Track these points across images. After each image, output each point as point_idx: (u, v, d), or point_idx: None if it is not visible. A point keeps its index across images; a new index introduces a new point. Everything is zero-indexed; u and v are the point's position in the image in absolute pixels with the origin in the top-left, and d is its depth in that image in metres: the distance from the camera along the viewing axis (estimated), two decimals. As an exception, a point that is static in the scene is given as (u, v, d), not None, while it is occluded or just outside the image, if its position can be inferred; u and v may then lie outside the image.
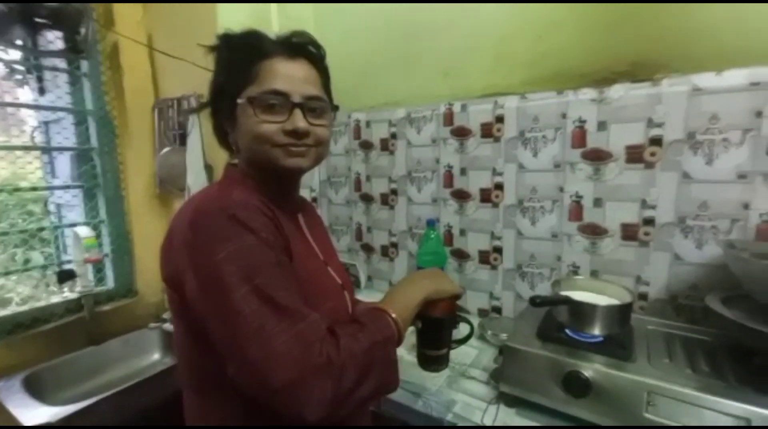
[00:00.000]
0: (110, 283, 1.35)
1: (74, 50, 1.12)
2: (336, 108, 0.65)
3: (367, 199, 1.40)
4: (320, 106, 0.59)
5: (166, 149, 1.26)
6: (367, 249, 1.44)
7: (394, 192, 1.33)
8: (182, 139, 1.23)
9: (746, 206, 0.82)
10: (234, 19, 1.19)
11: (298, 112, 0.57)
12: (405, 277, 0.68)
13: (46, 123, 1.31)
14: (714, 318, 0.71)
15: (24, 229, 1.23)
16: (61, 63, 1.20)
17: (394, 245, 1.37)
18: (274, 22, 1.29)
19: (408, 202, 1.31)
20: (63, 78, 1.21)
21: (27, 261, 1.30)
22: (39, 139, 1.29)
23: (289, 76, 0.57)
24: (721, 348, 0.75)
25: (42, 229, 1.23)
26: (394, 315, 0.56)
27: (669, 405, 0.64)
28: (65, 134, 1.23)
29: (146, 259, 1.39)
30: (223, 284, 0.47)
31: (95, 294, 1.24)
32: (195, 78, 1.19)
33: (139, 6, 1.28)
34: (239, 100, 0.56)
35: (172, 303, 0.56)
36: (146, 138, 1.33)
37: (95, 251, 1.11)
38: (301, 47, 0.60)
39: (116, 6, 1.22)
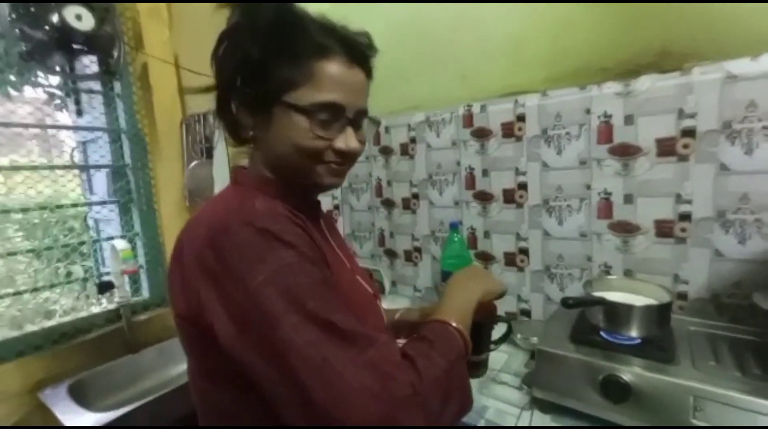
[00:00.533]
0: (145, 293, 1.40)
1: (108, 72, 1.19)
2: (378, 123, 0.59)
3: (388, 204, 1.40)
4: (365, 119, 0.54)
5: (194, 163, 1.31)
6: (391, 254, 1.44)
7: (415, 196, 1.33)
8: (209, 152, 1.27)
9: (793, 197, 0.77)
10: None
11: (350, 130, 0.50)
12: (452, 281, 0.62)
13: (84, 143, 1.39)
14: (762, 317, 0.66)
15: (66, 244, 1.30)
16: (95, 85, 1.27)
17: (418, 250, 1.36)
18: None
19: (430, 206, 1.30)
20: (98, 99, 1.29)
21: (69, 274, 1.38)
22: (77, 158, 1.37)
23: (348, 86, 0.49)
24: (772, 349, 0.71)
25: (82, 243, 1.31)
26: (457, 325, 0.51)
27: (718, 410, 0.60)
28: (101, 152, 1.30)
29: (178, 269, 1.44)
30: (268, 315, 0.39)
31: (132, 304, 1.30)
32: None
33: (165, 26, 1.34)
34: (285, 99, 0.47)
35: (189, 339, 0.48)
36: (175, 153, 1.39)
37: (131, 263, 1.16)
38: (364, 54, 0.53)
39: (144, 29, 1.29)
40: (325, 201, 1.45)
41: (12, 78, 1.12)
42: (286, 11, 0.49)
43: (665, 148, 0.89)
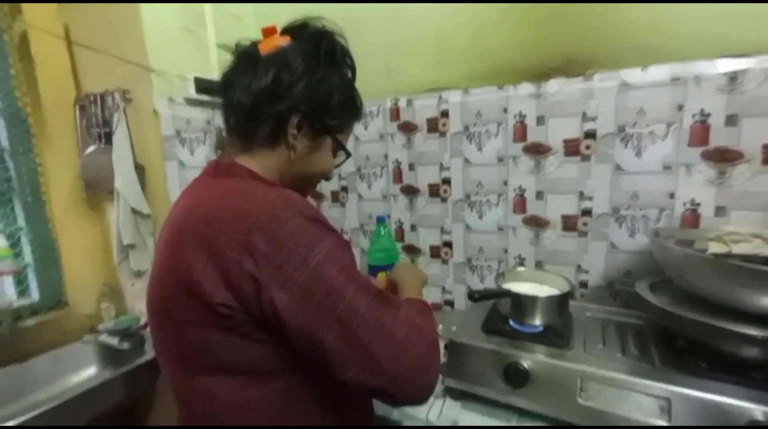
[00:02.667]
0: (35, 295, 1.22)
1: (-26, 39, 0.99)
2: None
3: (317, 196, 1.36)
4: None
5: (90, 149, 1.16)
6: (320, 248, 1.40)
7: (344, 189, 1.30)
8: (108, 137, 1.13)
9: (671, 196, 0.87)
10: (160, 11, 1.11)
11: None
12: (404, 274, 0.79)
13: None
14: (644, 303, 0.74)
15: None
16: (-40, 53, 1.06)
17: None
18: (209, 17, 1.21)
19: (359, 199, 1.28)
20: (-37, 71, 1.07)
21: None
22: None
23: None
24: (650, 331, 0.79)
25: (-56, 240, 1.10)
26: (428, 304, 0.66)
27: (599, 390, 0.66)
28: (-33, 134, 1.09)
29: (77, 266, 1.28)
30: (333, 288, 0.46)
31: (15, 308, 1.12)
32: (119, 72, 1.10)
33: (52, -8, 1.15)
34: (338, 137, 0.61)
35: (226, 328, 0.48)
36: (68, 137, 1.21)
37: (9, 262, 1.00)
38: None
39: (23, -9, 1.10)
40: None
41: None
42: (353, 67, 0.64)
43: (571, 148, 0.95)
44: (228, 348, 0.49)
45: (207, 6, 1.22)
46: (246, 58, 0.58)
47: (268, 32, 0.59)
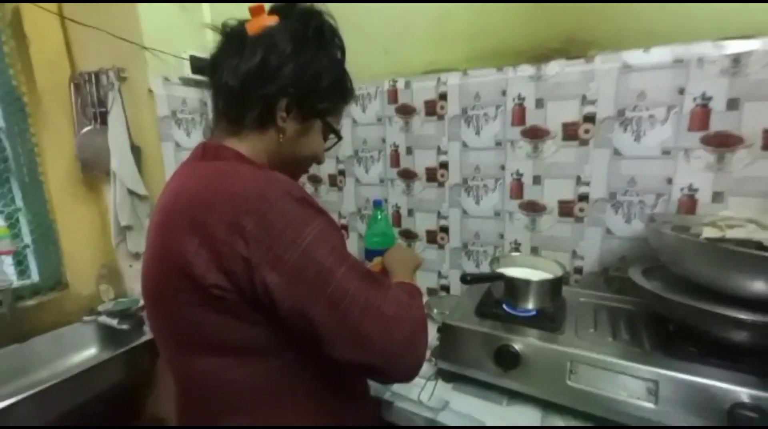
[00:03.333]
0: (34, 276, 1.24)
1: (-35, 15, 0.98)
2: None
3: (315, 180, 1.36)
4: None
5: (86, 129, 1.15)
6: (318, 232, 1.40)
7: (342, 173, 1.30)
8: (103, 117, 1.12)
9: (669, 181, 0.86)
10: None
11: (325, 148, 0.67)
12: (398, 257, 0.81)
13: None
14: (637, 289, 0.74)
15: None
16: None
17: (345, 227, 1.34)
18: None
19: (356, 183, 1.28)
20: (-44, 48, 1.06)
21: None
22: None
23: None
24: (642, 316, 0.80)
25: (-57, 219, 1.10)
26: (418, 286, 0.67)
27: (588, 372, 0.66)
28: (-36, 112, 1.09)
29: (75, 248, 1.29)
30: (323, 268, 0.47)
31: (16, 288, 1.14)
32: (114, 50, 1.09)
33: (44, -34, 1.13)
34: (328, 120, 0.61)
35: (219, 309, 0.48)
36: (65, 117, 1.20)
37: (7, 242, 1.01)
38: None
39: (15, -35, 1.07)
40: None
41: None
42: (343, 47, 0.62)
43: (569, 132, 0.94)
44: (222, 328, 0.50)
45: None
46: (233, 38, 0.57)
47: (256, 11, 0.57)
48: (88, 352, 1.26)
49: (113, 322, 1.20)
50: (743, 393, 0.56)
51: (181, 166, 0.59)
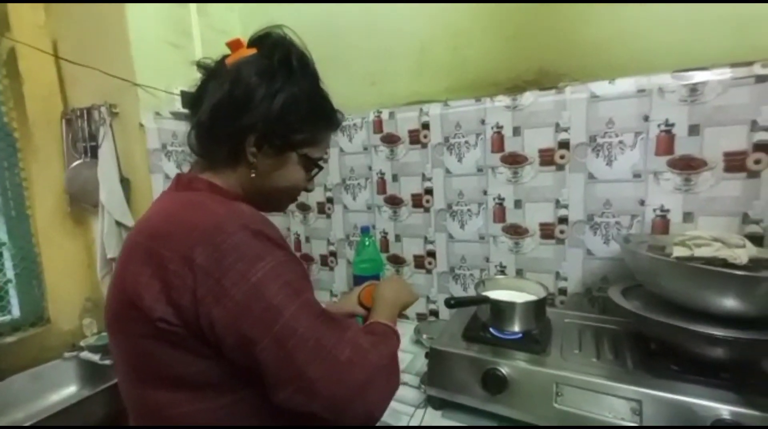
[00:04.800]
0: (15, 311, 1.21)
1: (-39, 55, 1.01)
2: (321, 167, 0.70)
3: (304, 208, 1.38)
4: None
5: (76, 162, 1.16)
6: (307, 259, 1.41)
7: (330, 200, 1.32)
8: (94, 151, 1.14)
9: (642, 203, 0.90)
10: (147, 26, 1.13)
11: (313, 177, 0.65)
12: (386, 290, 0.74)
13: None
14: (619, 308, 0.75)
15: None
16: (-54, 70, 1.08)
17: (333, 254, 1.35)
18: (195, 31, 1.25)
19: (344, 210, 1.30)
20: (-51, 86, 1.09)
21: None
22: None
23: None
24: (625, 335, 0.81)
25: (-76, 256, 1.09)
26: (395, 328, 0.63)
27: (574, 393, 0.67)
28: (-47, 149, 1.10)
29: (59, 283, 1.27)
30: (271, 306, 0.44)
31: (-5, 326, 1.11)
32: (105, 86, 1.12)
33: (40, 9, 1.18)
34: (303, 152, 0.58)
35: (168, 343, 0.46)
36: (54, 151, 1.22)
37: (-11, 278, 0.99)
38: None
39: (12, 10, 1.12)
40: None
41: None
42: (315, 75, 0.60)
43: (546, 157, 0.98)
44: (175, 361, 0.48)
45: (194, 20, 1.25)
46: (210, 74, 0.57)
47: (234, 46, 0.57)
48: (69, 390, 1.21)
49: (95, 357, 1.17)
50: (724, 410, 0.57)
51: (158, 197, 0.59)
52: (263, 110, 0.53)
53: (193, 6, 1.25)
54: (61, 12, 1.18)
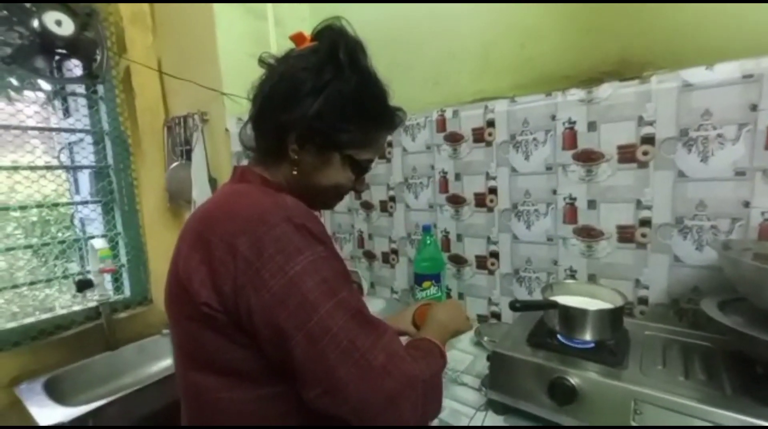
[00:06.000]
0: (127, 291, 1.43)
1: (91, 76, 1.22)
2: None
3: (367, 206, 1.42)
4: None
5: (174, 164, 1.34)
6: (369, 256, 1.45)
7: (392, 199, 1.35)
8: (188, 154, 1.30)
9: (746, 204, 0.78)
10: (232, 40, 1.26)
11: (362, 177, 0.62)
12: (440, 312, 0.73)
13: (70, 144, 1.43)
14: (714, 323, 0.67)
15: (62, 241, 1.32)
16: (80, 89, 1.30)
17: (395, 252, 1.38)
18: (272, 40, 1.36)
19: (406, 209, 1.32)
20: (82, 102, 1.32)
21: (65, 271, 1.40)
22: (64, 159, 1.40)
23: (384, 148, 0.65)
24: (722, 355, 0.71)
25: (63, 241, 1.33)
26: (442, 348, 0.60)
27: (656, 413, 0.61)
28: (83, 154, 1.33)
29: (160, 268, 1.47)
30: (306, 301, 0.43)
31: (112, 302, 1.32)
32: (199, 97, 1.27)
33: (149, 32, 1.37)
34: (348, 153, 0.56)
35: (209, 329, 0.47)
36: (158, 155, 1.42)
37: (109, 262, 1.19)
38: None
39: (128, 33, 1.32)
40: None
41: (14, 82, 1.18)
42: (367, 70, 0.56)
43: (626, 154, 0.90)
44: (216, 347, 0.48)
45: (271, 32, 1.37)
46: (268, 68, 0.57)
47: (297, 39, 0.56)
48: (166, 362, 1.40)
49: (187, 335, 1.33)
50: None
51: (218, 188, 0.63)
52: (306, 106, 0.52)
53: (270, 20, 1.36)
54: (165, 32, 1.37)
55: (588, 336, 0.75)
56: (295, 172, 0.56)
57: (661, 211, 0.87)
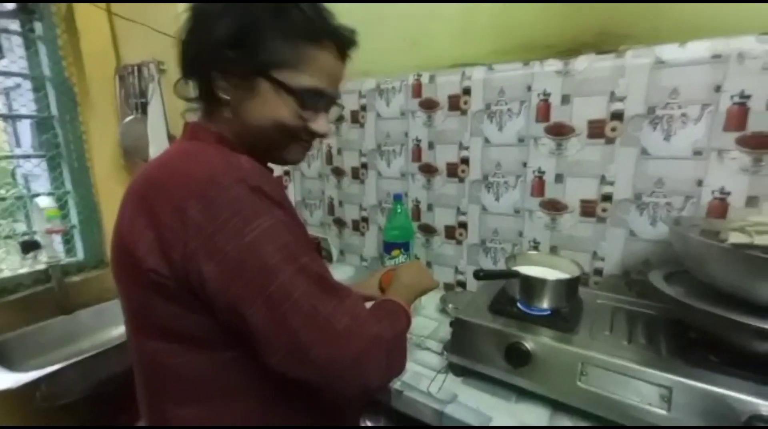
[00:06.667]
0: (80, 254, 1.35)
1: (25, 11, 1.07)
2: (342, 108, 0.65)
3: (338, 172, 1.39)
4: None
5: (128, 118, 1.23)
6: (339, 223, 1.44)
7: (364, 166, 1.32)
8: (144, 107, 1.19)
9: (699, 183, 0.82)
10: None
11: (324, 115, 0.56)
12: (403, 273, 0.74)
13: (6, 89, 1.27)
14: (658, 293, 0.72)
15: (2, 198, 1.21)
16: (13, 25, 1.15)
17: (365, 220, 1.37)
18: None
19: (378, 177, 1.30)
20: (17, 42, 1.16)
21: (12, 231, 1.29)
22: (1, 106, 1.26)
23: (334, 77, 0.54)
24: (662, 322, 0.77)
25: (3, 199, 1.22)
26: (407, 307, 0.61)
27: (599, 374, 0.65)
28: (22, 101, 1.19)
29: (116, 230, 1.39)
30: (265, 266, 0.42)
31: (64, 265, 1.25)
32: (155, 44, 1.15)
33: (94, -35, 1.21)
34: (274, 76, 0.49)
35: (159, 296, 0.46)
36: (109, 106, 1.30)
37: (57, 222, 1.11)
38: (350, 50, 0.56)
39: (69, -36, 1.16)
40: (276, 167, 1.41)
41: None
42: None
43: (595, 129, 0.91)
44: (168, 314, 0.47)
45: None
46: None
47: None
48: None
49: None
50: (763, 405, 0.54)
51: (168, 147, 0.59)
52: (217, 31, 0.48)
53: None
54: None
55: (545, 304, 0.78)
56: (228, 116, 0.52)
57: (622, 187, 0.90)
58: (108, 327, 1.32)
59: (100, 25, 1.24)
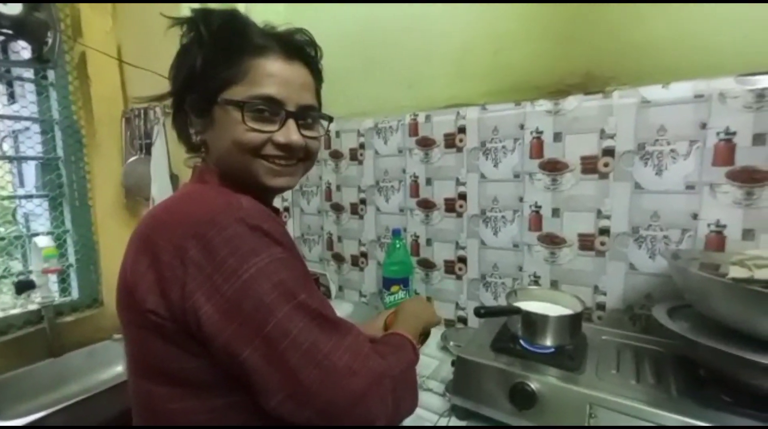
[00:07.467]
0: (75, 293, 1.33)
1: (40, 60, 1.12)
2: (330, 119, 0.62)
3: (337, 208, 1.40)
4: (314, 116, 0.57)
5: (132, 158, 1.26)
6: (338, 259, 1.43)
7: (363, 202, 1.33)
8: (148, 148, 1.23)
9: (695, 216, 0.83)
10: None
11: (291, 124, 0.52)
12: (407, 307, 0.74)
13: (15, 132, 1.31)
14: (664, 329, 0.70)
15: (1, 237, 1.21)
16: (27, 73, 1.20)
17: (364, 255, 1.36)
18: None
19: (377, 212, 1.31)
20: (29, 88, 1.22)
21: (7, 269, 1.28)
22: (8, 149, 1.29)
23: (285, 80, 0.52)
24: (670, 359, 0.75)
25: (2, 238, 1.22)
26: (413, 341, 0.59)
27: (609, 416, 0.63)
28: (29, 144, 1.22)
29: (113, 269, 1.36)
30: (262, 305, 0.41)
31: (57, 305, 1.22)
32: (162, 88, 1.20)
33: (108, 16, 1.29)
34: (221, 98, 0.50)
35: (157, 336, 0.45)
36: (114, 147, 1.33)
37: (54, 262, 1.10)
38: (301, 48, 0.55)
39: (84, 16, 1.23)
40: (275, 202, 1.43)
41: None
42: (232, 18, 0.53)
43: (588, 165, 0.93)
44: (166, 356, 0.46)
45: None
46: None
47: None
48: (118, 369, 1.31)
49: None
50: (782, 450, 0.52)
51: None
52: (176, 82, 0.55)
53: (241, 8, 1.31)
54: (126, 18, 1.29)
55: (549, 341, 0.77)
56: (203, 152, 0.55)
57: (619, 221, 0.91)
58: (99, 369, 1.28)
59: (110, 71, 1.30)
